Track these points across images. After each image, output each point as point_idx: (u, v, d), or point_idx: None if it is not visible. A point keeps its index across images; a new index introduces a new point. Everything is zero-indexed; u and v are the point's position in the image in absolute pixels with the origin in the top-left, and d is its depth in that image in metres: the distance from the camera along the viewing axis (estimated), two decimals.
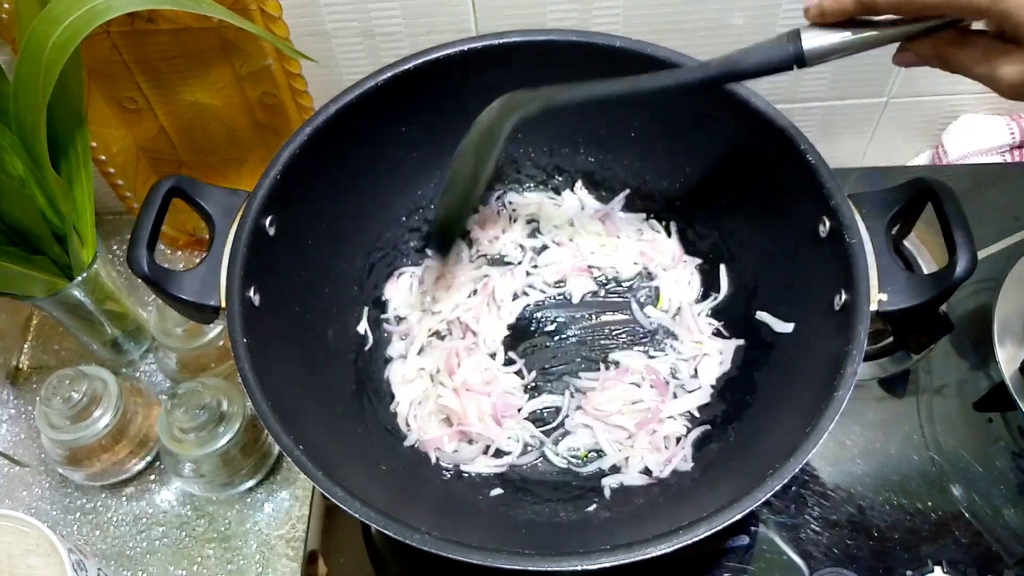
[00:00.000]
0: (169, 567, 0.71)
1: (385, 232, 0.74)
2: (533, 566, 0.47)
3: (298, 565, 0.70)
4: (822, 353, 0.55)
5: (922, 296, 0.53)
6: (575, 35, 0.64)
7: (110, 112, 0.77)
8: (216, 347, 0.75)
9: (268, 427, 0.52)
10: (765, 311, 0.66)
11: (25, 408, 0.81)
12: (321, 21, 0.72)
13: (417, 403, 0.68)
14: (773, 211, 0.65)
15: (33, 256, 0.66)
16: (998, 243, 0.78)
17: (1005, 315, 0.72)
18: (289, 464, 0.76)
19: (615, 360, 0.70)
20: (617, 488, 0.64)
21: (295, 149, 0.60)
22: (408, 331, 0.72)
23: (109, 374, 0.70)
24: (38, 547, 0.60)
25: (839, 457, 0.70)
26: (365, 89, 0.63)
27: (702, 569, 0.66)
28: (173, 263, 0.88)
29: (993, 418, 0.72)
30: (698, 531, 0.47)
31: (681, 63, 0.62)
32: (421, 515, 0.55)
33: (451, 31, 0.74)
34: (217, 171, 0.84)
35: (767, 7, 0.73)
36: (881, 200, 0.56)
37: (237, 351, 0.54)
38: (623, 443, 0.66)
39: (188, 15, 0.67)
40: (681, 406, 0.67)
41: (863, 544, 0.66)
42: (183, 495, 0.75)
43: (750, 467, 0.53)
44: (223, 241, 0.57)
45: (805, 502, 0.68)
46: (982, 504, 0.67)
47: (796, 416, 0.53)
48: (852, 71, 0.80)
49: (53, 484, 0.76)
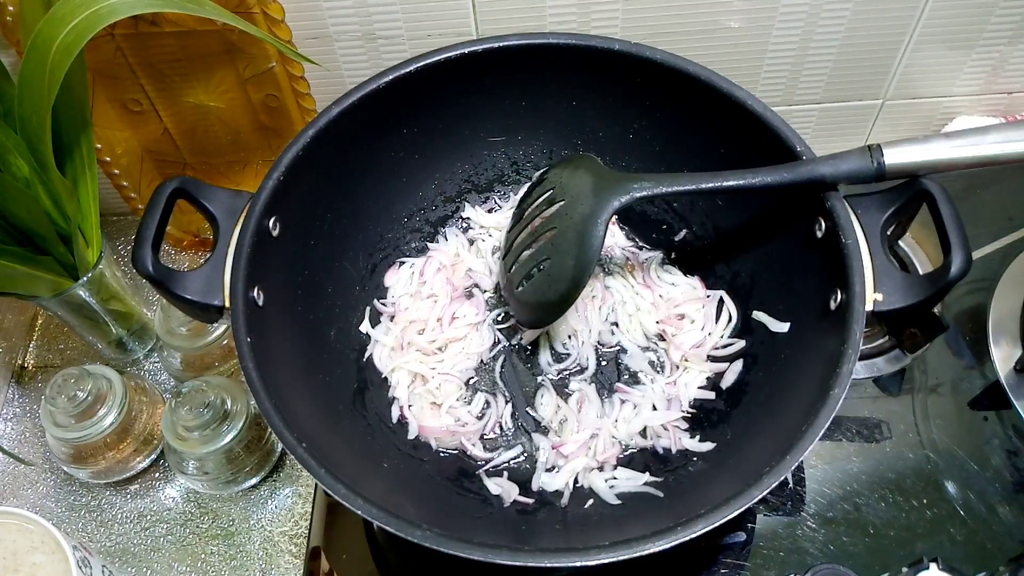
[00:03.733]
0: (173, 564, 0.72)
1: (387, 232, 0.74)
2: (533, 562, 0.47)
3: (301, 561, 0.71)
4: (818, 352, 0.56)
5: (917, 296, 0.53)
6: (574, 38, 0.65)
7: (114, 114, 0.77)
8: (220, 346, 0.76)
9: (271, 425, 0.52)
10: (762, 311, 0.66)
11: (30, 407, 0.82)
12: (323, 24, 0.73)
13: (408, 385, 0.70)
14: (770, 212, 0.66)
15: (38, 256, 0.67)
16: (993, 243, 0.79)
17: (1000, 315, 0.73)
18: (292, 461, 0.76)
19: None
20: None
21: (298, 151, 0.61)
22: (396, 312, 0.73)
23: (114, 373, 0.71)
24: (43, 544, 0.60)
25: (835, 455, 0.71)
26: (367, 92, 0.63)
27: (699, 565, 0.66)
28: (178, 263, 0.89)
29: (988, 416, 0.72)
30: (695, 528, 0.47)
31: (680, 66, 0.63)
32: (422, 512, 0.56)
33: (451, 34, 0.74)
34: (221, 172, 0.85)
35: (764, 11, 0.73)
36: (877, 201, 0.56)
37: (241, 350, 0.54)
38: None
39: (192, 18, 0.68)
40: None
41: (859, 541, 0.66)
42: (187, 492, 0.75)
43: (747, 464, 0.54)
44: (227, 241, 0.58)
45: (801, 499, 0.69)
46: (977, 502, 0.68)
47: (792, 414, 0.53)
48: (848, 73, 0.80)
49: (58, 482, 0.77)
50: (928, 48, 0.78)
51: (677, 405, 0.68)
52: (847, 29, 0.76)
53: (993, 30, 0.77)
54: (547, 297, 0.63)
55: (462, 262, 0.75)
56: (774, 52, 0.78)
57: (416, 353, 0.71)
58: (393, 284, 0.75)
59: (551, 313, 0.64)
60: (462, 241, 0.77)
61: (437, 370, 0.70)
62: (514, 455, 0.67)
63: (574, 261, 0.61)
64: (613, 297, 0.73)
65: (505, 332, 0.73)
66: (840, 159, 0.55)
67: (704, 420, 0.67)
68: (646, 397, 0.68)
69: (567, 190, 0.64)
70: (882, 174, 0.55)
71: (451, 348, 0.72)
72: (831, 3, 0.73)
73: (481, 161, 0.76)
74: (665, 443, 0.66)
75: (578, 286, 0.61)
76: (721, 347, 0.69)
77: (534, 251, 0.65)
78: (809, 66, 0.79)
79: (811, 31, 0.76)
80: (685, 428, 0.67)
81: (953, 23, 0.76)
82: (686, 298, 0.72)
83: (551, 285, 0.63)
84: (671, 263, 0.76)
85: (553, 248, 0.63)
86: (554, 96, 0.70)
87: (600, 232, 0.60)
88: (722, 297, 0.71)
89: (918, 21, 0.75)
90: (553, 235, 0.63)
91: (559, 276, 0.62)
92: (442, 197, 0.77)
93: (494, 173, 0.77)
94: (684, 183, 0.59)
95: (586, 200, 0.61)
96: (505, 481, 0.65)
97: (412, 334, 0.71)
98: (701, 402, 0.68)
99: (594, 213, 0.60)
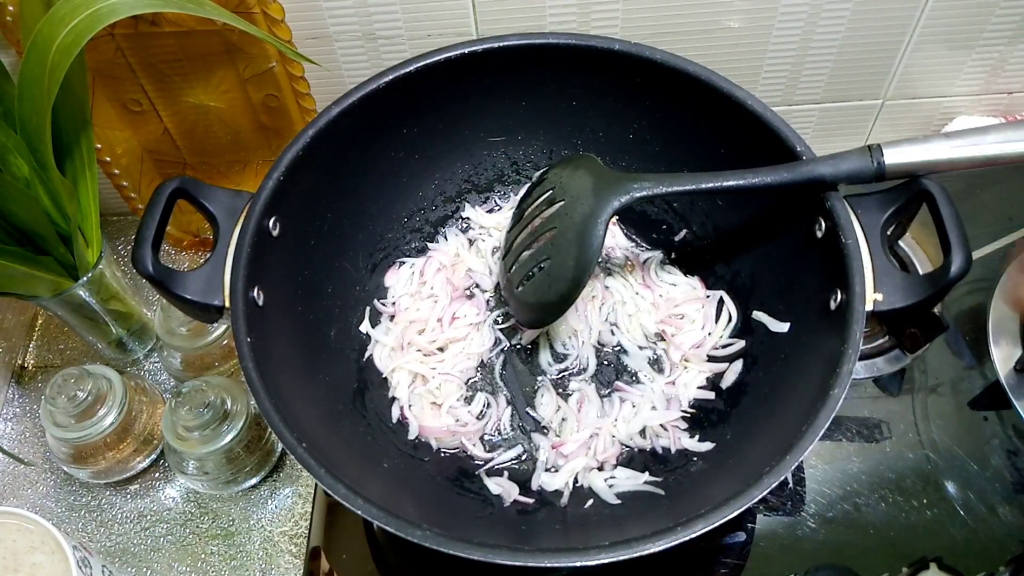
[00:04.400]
0: (173, 564, 0.72)
1: (387, 232, 0.74)
2: (533, 562, 0.47)
3: (301, 561, 0.71)
4: (818, 352, 0.56)
5: (917, 296, 0.53)
6: (574, 38, 0.65)
7: (114, 114, 0.77)
8: (220, 346, 0.76)
9: (271, 425, 0.52)
10: (762, 311, 0.66)
11: (30, 407, 0.82)
12: (323, 24, 0.73)
13: (408, 385, 0.70)
14: (770, 211, 0.66)
15: (38, 256, 0.67)
16: (993, 243, 0.79)
17: (1000, 315, 0.73)
18: (292, 461, 0.76)
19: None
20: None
21: (298, 151, 0.61)
22: (396, 312, 0.73)
23: (114, 373, 0.71)
24: (43, 544, 0.60)
25: (835, 455, 0.71)
26: (367, 92, 0.63)
27: (699, 565, 0.66)
28: (178, 263, 0.89)
29: (988, 416, 0.72)
30: (695, 528, 0.47)
31: (680, 66, 0.63)
32: (422, 512, 0.56)
33: (451, 34, 0.74)
34: (221, 172, 0.85)
35: (764, 11, 0.73)
36: (877, 201, 0.56)
37: (241, 350, 0.54)
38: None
39: (192, 18, 0.68)
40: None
41: (859, 541, 0.66)
42: (187, 492, 0.75)
43: (747, 464, 0.54)
44: (227, 241, 0.58)
45: (801, 499, 0.69)
46: (977, 502, 0.68)
47: (792, 414, 0.53)
48: (848, 73, 0.80)
49: (58, 482, 0.77)
50: (928, 48, 0.78)
51: (676, 405, 0.68)
52: (847, 29, 0.76)
53: (993, 30, 0.77)
54: (547, 297, 0.63)
55: (462, 262, 0.76)
56: (774, 52, 0.78)
57: (416, 353, 0.71)
58: (393, 284, 0.75)
59: (551, 313, 0.65)
60: (462, 241, 0.77)
61: (437, 370, 0.70)
62: (514, 455, 0.67)
63: (574, 261, 0.61)
64: (613, 297, 0.73)
65: (506, 332, 0.73)
66: (840, 159, 0.55)
67: (704, 420, 0.67)
68: (645, 397, 0.68)
69: (567, 190, 0.64)
70: (882, 174, 0.55)
71: (452, 348, 0.72)
72: (831, 3, 0.73)
73: (481, 161, 0.76)
74: (664, 443, 0.66)
75: (578, 286, 0.61)
76: (721, 347, 0.69)
77: (534, 251, 0.65)
78: (809, 66, 0.79)
79: (811, 31, 0.76)
80: (685, 428, 0.67)
81: (953, 23, 0.76)
82: (686, 298, 0.72)
83: (551, 285, 0.63)
84: (671, 263, 0.76)
85: (553, 248, 0.63)
86: (554, 96, 0.70)
87: (600, 232, 0.60)
88: (722, 297, 0.71)
89: (918, 21, 0.75)
90: (553, 235, 0.63)
91: (559, 276, 0.62)
92: (442, 197, 0.77)
93: (494, 173, 0.77)
94: (684, 183, 0.59)
95: (586, 200, 0.61)
96: (505, 481, 0.65)
97: (412, 334, 0.71)
98: (701, 402, 0.68)
99: (594, 213, 0.60)
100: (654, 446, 0.66)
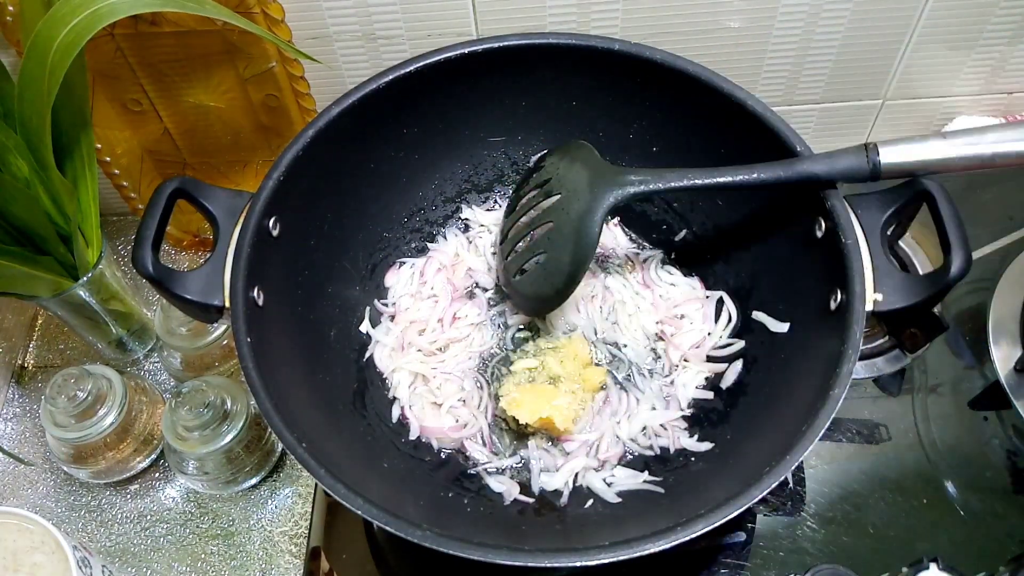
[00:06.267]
0: (173, 564, 0.72)
1: (387, 232, 0.74)
2: (533, 562, 0.47)
3: (301, 561, 0.71)
4: (818, 352, 0.56)
5: (917, 296, 0.53)
6: (574, 38, 0.65)
7: (114, 114, 0.77)
8: (220, 346, 0.76)
9: (271, 425, 0.52)
10: (762, 311, 0.66)
11: (30, 407, 0.82)
12: (323, 24, 0.73)
13: (409, 385, 0.70)
14: (770, 212, 0.66)
15: (38, 256, 0.67)
16: (993, 243, 0.79)
17: (1000, 315, 0.73)
18: (292, 461, 0.76)
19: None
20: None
21: (298, 151, 0.61)
22: (396, 312, 0.73)
23: (114, 373, 0.71)
24: (43, 544, 0.60)
25: (835, 455, 0.71)
26: (367, 92, 0.63)
27: (699, 565, 0.66)
28: (178, 263, 0.89)
29: (988, 416, 0.73)
30: (695, 528, 0.48)
31: (680, 66, 0.63)
32: (422, 512, 0.56)
33: (451, 34, 0.74)
34: (221, 172, 0.85)
35: (764, 11, 0.73)
36: (877, 201, 0.56)
37: (241, 350, 0.54)
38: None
39: (192, 18, 0.68)
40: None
41: (859, 541, 0.67)
42: (187, 492, 0.75)
43: (747, 464, 0.54)
44: (227, 242, 0.58)
45: (801, 499, 0.69)
46: (977, 502, 0.68)
47: (792, 414, 0.54)
48: (848, 73, 0.80)
49: (58, 482, 0.77)
50: (928, 48, 0.78)
51: (676, 405, 0.68)
52: (847, 29, 0.76)
53: (993, 30, 0.77)
54: (543, 291, 0.64)
55: (462, 262, 0.76)
56: (774, 52, 0.78)
57: (417, 353, 0.71)
58: (393, 284, 0.75)
59: (548, 305, 0.66)
60: (462, 241, 0.77)
61: (438, 370, 0.70)
62: (512, 463, 0.67)
63: (570, 257, 0.61)
64: (613, 297, 0.73)
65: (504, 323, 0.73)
66: (836, 157, 0.55)
67: (704, 420, 0.67)
68: (645, 396, 0.68)
69: (564, 183, 0.64)
70: (877, 173, 0.55)
71: (452, 348, 0.72)
72: (831, 3, 0.73)
73: (481, 161, 0.76)
74: (664, 443, 0.66)
75: (574, 281, 0.62)
76: (721, 347, 0.69)
77: (530, 243, 0.65)
78: (809, 66, 0.79)
79: (811, 31, 0.76)
80: (684, 428, 0.67)
81: (953, 23, 0.76)
82: (686, 298, 0.72)
83: (547, 279, 0.63)
84: (671, 263, 0.76)
85: (549, 243, 0.63)
86: (554, 96, 0.70)
87: (596, 229, 0.60)
88: (722, 297, 0.71)
89: (918, 21, 0.76)
90: (549, 229, 0.64)
91: (555, 271, 0.63)
92: (442, 197, 0.77)
93: (494, 173, 0.77)
94: (679, 179, 0.59)
95: (583, 196, 0.62)
96: (507, 479, 0.65)
97: (413, 334, 0.71)
98: (700, 402, 0.68)
99: (591, 210, 0.60)
100: (654, 446, 0.66)
